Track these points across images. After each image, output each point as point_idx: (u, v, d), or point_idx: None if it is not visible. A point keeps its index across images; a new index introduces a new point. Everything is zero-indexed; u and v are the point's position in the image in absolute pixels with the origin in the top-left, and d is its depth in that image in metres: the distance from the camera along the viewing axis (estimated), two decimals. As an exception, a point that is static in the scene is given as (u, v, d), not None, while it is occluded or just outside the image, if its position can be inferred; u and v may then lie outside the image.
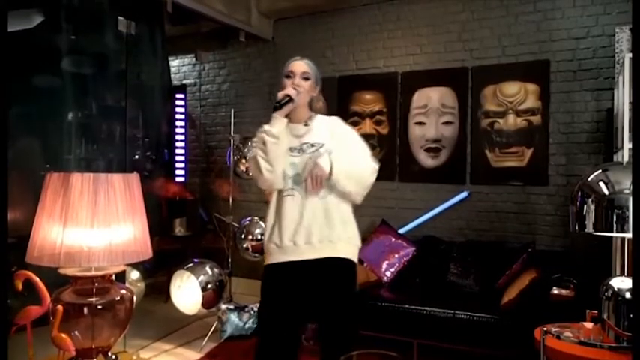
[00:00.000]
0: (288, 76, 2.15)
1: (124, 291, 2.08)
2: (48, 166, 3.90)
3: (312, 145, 2.12)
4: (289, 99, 2.05)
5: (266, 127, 2.05)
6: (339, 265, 2.08)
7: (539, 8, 3.92)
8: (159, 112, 4.97)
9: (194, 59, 5.56)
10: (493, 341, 3.03)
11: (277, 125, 2.04)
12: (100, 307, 1.95)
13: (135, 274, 3.77)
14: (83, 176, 1.84)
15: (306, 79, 2.15)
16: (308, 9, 4.78)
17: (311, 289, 2.08)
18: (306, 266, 2.06)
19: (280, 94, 2.08)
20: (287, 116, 2.10)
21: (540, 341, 1.91)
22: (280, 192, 2.10)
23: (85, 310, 1.92)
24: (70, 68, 4.00)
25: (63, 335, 1.79)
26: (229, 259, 3.99)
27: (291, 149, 2.12)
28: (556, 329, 1.97)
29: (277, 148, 2.03)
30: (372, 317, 3.39)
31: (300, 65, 2.16)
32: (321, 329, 2.12)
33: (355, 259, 2.15)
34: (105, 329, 1.99)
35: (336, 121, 2.24)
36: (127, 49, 3.89)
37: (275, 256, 2.10)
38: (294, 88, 2.09)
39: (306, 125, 2.17)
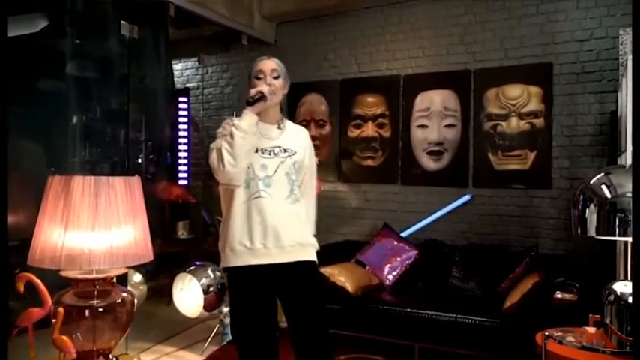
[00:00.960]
0: (258, 77, 2.13)
1: (125, 294, 2.09)
2: (53, 169, 3.92)
3: (285, 150, 2.14)
4: (262, 95, 2.03)
5: (236, 120, 2.00)
6: (308, 268, 2.13)
7: (542, 10, 3.91)
8: (162, 116, 4.99)
9: (197, 63, 5.58)
10: (495, 345, 3.01)
11: (247, 120, 2.00)
12: (101, 309, 1.96)
13: (137, 277, 3.78)
14: (84, 179, 1.85)
15: (277, 77, 2.13)
16: (310, 12, 4.79)
17: (283, 291, 2.11)
18: (277, 269, 2.06)
19: (253, 91, 2.06)
20: (259, 115, 2.08)
21: (542, 346, 1.90)
22: (250, 193, 2.07)
23: (86, 312, 1.94)
24: (74, 72, 4.02)
25: (64, 337, 1.80)
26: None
27: (263, 150, 2.11)
28: (558, 334, 1.96)
29: (245, 144, 1.99)
30: (373, 321, 3.38)
31: (269, 64, 2.15)
32: (293, 331, 2.12)
33: (316, 260, 2.20)
34: (106, 332, 2.00)
35: (306, 134, 2.29)
36: (129, 53, 3.90)
37: (244, 258, 2.05)
38: (268, 86, 2.08)
39: (279, 128, 2.18)
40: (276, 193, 2.08)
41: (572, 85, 3.80)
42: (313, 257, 2.16)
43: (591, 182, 1.88)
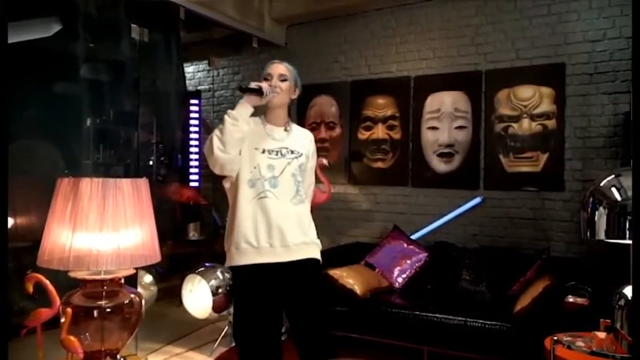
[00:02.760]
0: (265, 79, 2.18)
1: (132, 295, 2.10)
2: (66, 171, 3.97)
3: (291, 152, 2.19)
4: (259, 89, 2.06)
5: (230, 110, 2.08)
6: (312, 266, 2.17)
7: (553, 11, 3.87)
8: (174, 118, 5.03)
9: (208, 65, 5.61)
10: (505, 350, 2.97)
11: (241, 109, 2.06)
12: (108, 310, 1.98)
13: (148, 278, 3.80)
14: (92, 181, 1.86)
15: (284, 80, 2.18)
16: (320, 14, 4.79)
17: (287, 291, 2.13)
18: (281, 268, 2.10)
19: (253, 83, 2.10)
20: (266, 118, 2.19)
21: (550, 351, 1.87)
22: (256, 193, 2.10)
23: (95, 313, 1.95)
24: (87, 75, 4.07)
25: (71, 338, 1.81)
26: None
27: (270, 151, 2.15)
28: (568, 338, 1.93)
29: (234, 130, 2.03)
30: (382, 324, 3.37)
31: (277, 68, 2.20)
32: (293, 330, 2.17)
33: (320, 258, 2.24)
34: (114, 332, 2.01)
35: (312, 138, 2.33)
36: (139, 56, 3.94)
37: (250, 257, 2.09)
38: (270, 86, 2.12)
39: (285, 130, 2.23)
40: (282, 194, 2.11)
41: (585, 85, 3.75)
42: (317, 255, 2.20)
43: (601, 184, 1.85)
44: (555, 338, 1.89)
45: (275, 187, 2.10)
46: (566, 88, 3.80)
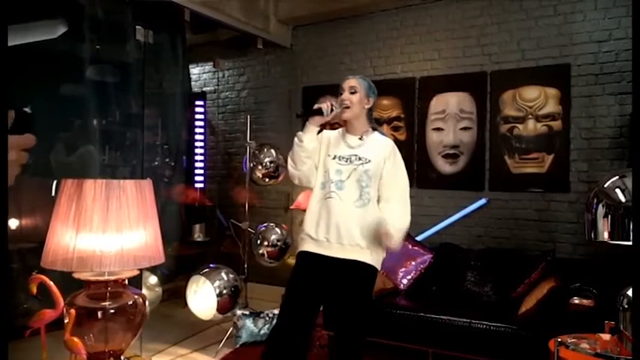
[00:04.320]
0: (340, 93, 2.39)
1: (136, 296, 2.11)
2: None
3: (359, 159, 2.35)
4: (318, 110, 2.29)
5: (300, 132, 2.35)
6: (362, 269, 2.29)
7: (559, 11, 3.85)
8: (179, 119, 5.04)
9: (213, 67, 5.63)
10: (510, 352, 2.96)
11: (307, 132, 2.33)
12: (112, 311, 1.98)
13: (153, 279, 3.82)
14: (96, 182, 1.87)
15: (353, 92, 2.36)
16: (326, 16, 4.79)
17: (333, 283, 2.29)
18: (333, 263, 2.28)
19: (316, 105, 2.31)
20: (346, 128, 2.42)
21: (554, 353, 1.86)
22: (324, 193, 2.34)
23: (98, 314, 1.96)
24: (93, 77, 4.09)
25: (75, 339, 1.82)
26: (245, 265, 4.01)
27: (340, 157, 2.37)
28: (572, 340, 1.92)
29: (301, 150, 2.31)
30: (387, 325, 3.36)
31: (349, 82, 2.40)
32: (329, 326, 2.41)
33: (379, 266, 2.37)
34: (117, 333, 2.02)
35: (388, 145, 2.43)
36: (144, 58, 3.96)
37: (308, 246, 2.35)
38: (331, 104, 2.33)
39: (360, 139, 2.40)
40: (345, 196, 2.30)
41: (591, 86, 3.72)
42: (370, 260, 2.29)
43: (605, 186, 1.84)
44: (559, 340, 1.88)
45: (341, 189, 2.30)
46: (571, 88, 3.78)
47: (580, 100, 3.76)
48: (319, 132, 2.42)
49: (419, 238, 4.16)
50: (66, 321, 1.88)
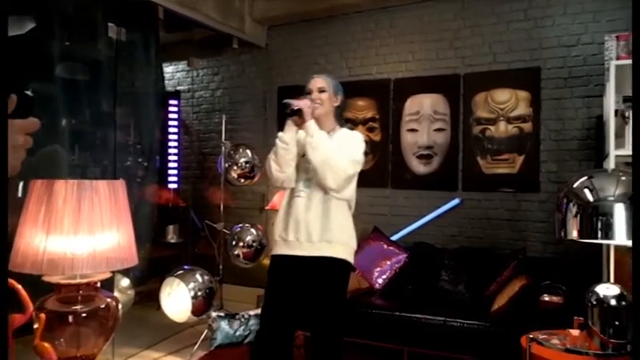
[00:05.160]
0: (307, 93, 2.40)
1: (109, 299, 2.07)
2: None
3: None
4: (298, 110, 2.27)
5: (280, 133, 2.33)
6: (334, 264, 2.31)
7: (530, 16, 3.94)
8: (152, 119, 4.96)
9: (187, 66, 5.57)
10: (484, 349, 3.01)
11: (288, 132, 2.30)
12: (84, 315, 1.94)
13: (125, 282, 3.75)
14: (67, 183, 1.83)
15: (322, 91, 2.39)
16: (301, 16, 4.80)
17: (307, 283, 2.32)
18: (305, 262, 2.30)
19: (293, 103, 2.28)
20: (299, 126, 2.33)
21: (526, 349, 1.90)
22: (292, 192, 2.38)
23: (69, 318, 1.92)
24: (62, 75, 3.99)
25: (45, 344, 1.78)
26: (220, 266, 3.97)
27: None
28: (543, 336, 1.96)
29: (286, 153, 2.29)
30: (363, 325, 3.38)
31: (316, 82, 2.43)
32: (311, 317, 2.34)
33: (351, 259, 2.40)
34: (90, 338, 1.98)
35: (353, 137, 2.42)
36: (116, 55, 3.88)
37: (280, 249, 2.37)
38: (311, 101, 2.34)
39: (328, 135, 2.36)
40: (313, 194, 2.32)
41: (560, 89, 3.82)
42: (340, 255, 2.32)
43: (574, 186, 1.89)
44: (531, 336, 1.92)
45: (308, 187, 2.33)
46: (541, 91, 3.87)
47: (549, 102, 3.85)
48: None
49: (394, 237, 4.20)
50: (35, 326, 1.83)
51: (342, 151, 2.28)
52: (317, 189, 2.31)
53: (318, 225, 2.29)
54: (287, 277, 2.35)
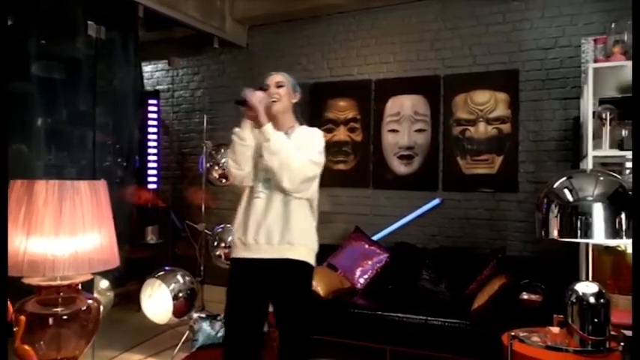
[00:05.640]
0: (263, 89, 2.28)
1: (90, 301, 2.04)
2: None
3: None
4: (243, 101, 2.18)
5: (236, 129, 2.24)
6: (295, 267, 2.23)
7: (508, 19, 4.01)
8: (131, 118, 4.89)
9: (167, 65, 5.51)
10: (465, 347, 3.05)
11: (245, 128, 2.22)
12: (65, 317, 1.92)
13: (104, 284, 3.69)
14: (48, 183, 1.80)
15: (280, 86, 2.31)
16: (282, 16, 4.79)
17: (269, 286, 2.24)
18: (265, 265, 2.21)
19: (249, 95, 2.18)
20: (273, 124, 2.22)
21: (508, 346, 1.93)
22: (251, 192, 2.29)
23: (50, 320, 1.89)
24: (39, 73, 3.91)
25: (26, 347, 1.75)
26: (202, 267, 3.94)
27: None
28: (524, 334, 2.00)
29: (244, 149, 2.22)
30: (345, 324, 3.39)
31: (274, 77, 2.34)
32: (277, 319, 2.28)
33: (312, 262, 2.30)
34: (71, 340, 1.95)
35: (313, 134, 2.35)
36: (96, 54, 3.82)
37: (239, 252, 2.27)
38: (269, 94, 2.24)
39: (286, 134, 2.28)
40: (272, 194, 2.24)
41: (538, 91, 3.90)
42: (303, 257, 2.24)
43: (554, 186, 1.93)
44: (512, 334, 1.95)
45: (268, 188, 2.25)
46: (519, 93, 3.95)
47: (528, 104, 3.92)
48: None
49: (375, 237, 4.23)
50: (15, 328, 1.79)
51: (300, 152, 2.21)
52: (277, 190, 2.23)
53: (279, 227, 2.21)
54: (247, 280, 2.26)
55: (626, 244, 2.69)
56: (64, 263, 1.79)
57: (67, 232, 1.80)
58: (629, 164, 3.07)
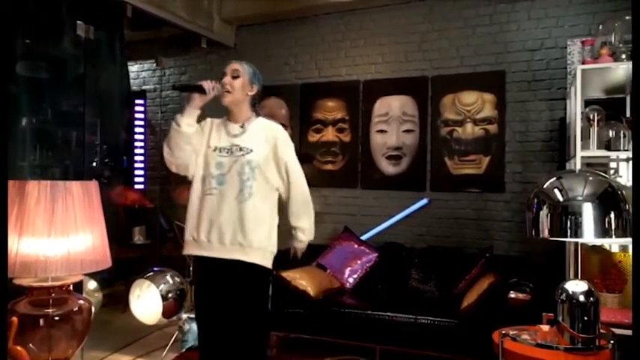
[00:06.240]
0: (222, 78, 2.22)
1: (81, 301, 2.03)
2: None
3: (240, 149, 2.18)
4: (199, 87, 2.14)
5: (178, 115, 2.17)
6: (249, 271, 2.15)
7: (495, 21, 4.06)
8: (117, 118, 4.86)
9: (154, 65, 5.47)
10: (454, 345, 3.08)
11: (186, 115, 2.15)
12: (56, 318, 1.90)
13: (92, 284, 3.65)
14: (40, 184, 1.78)
15: (235, 77, 2.21)
16: (271, 17, 4.78)
17: (220, 286, 2.18)
18: (217, 264, 2.16)
19: (198, 83, 2.17)
20: (228, 116, 2.25)
21: (499, 344, 1.96)
22: (204, 189, 2.19)
23: (41, 321, 1.87)
24: (25, 73, 3.86)
25: (18, 348, 1.73)
26: (190, 268, 3.92)
27: (221, 149, 2.20)
28: (514, 332, 2.03)
29: (176, 135, 2.14)
30: (335, 324, 3.40)
31: (232, 65, 2.24)
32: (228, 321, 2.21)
33: (269, 265, 2.21)
34: (62, 341, 1.94)
35: (276, 127, 2.28)
36: (84, 54, 3.78)
37: (190, 249, 2.22)
38: (219, 84, 2.18)
39: (242, 127, 2.23)
40: (226, 191, 2.15)
41: (524, 92, 3.96)
42: (255, 260, 2.15)
43: (545, 186, 1.96)
44: (504, 332, 1.98)
45: (222, 184, 2.15)
46: (506, 94, 4.00)
47: (514, 105, 3.98)
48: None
49: (364, 237, 4.25)
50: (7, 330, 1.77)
51: (303, 184, 2.29)
52: (231, 187, 2.13)
53: (231, 226, 2.11)
54: (208, 278, 2.22)
55: (611, 243, 2.76)
56: (56, 264, 1.78)
57: (59, 233, 1.79)
58: (613, 164, 3.14)
